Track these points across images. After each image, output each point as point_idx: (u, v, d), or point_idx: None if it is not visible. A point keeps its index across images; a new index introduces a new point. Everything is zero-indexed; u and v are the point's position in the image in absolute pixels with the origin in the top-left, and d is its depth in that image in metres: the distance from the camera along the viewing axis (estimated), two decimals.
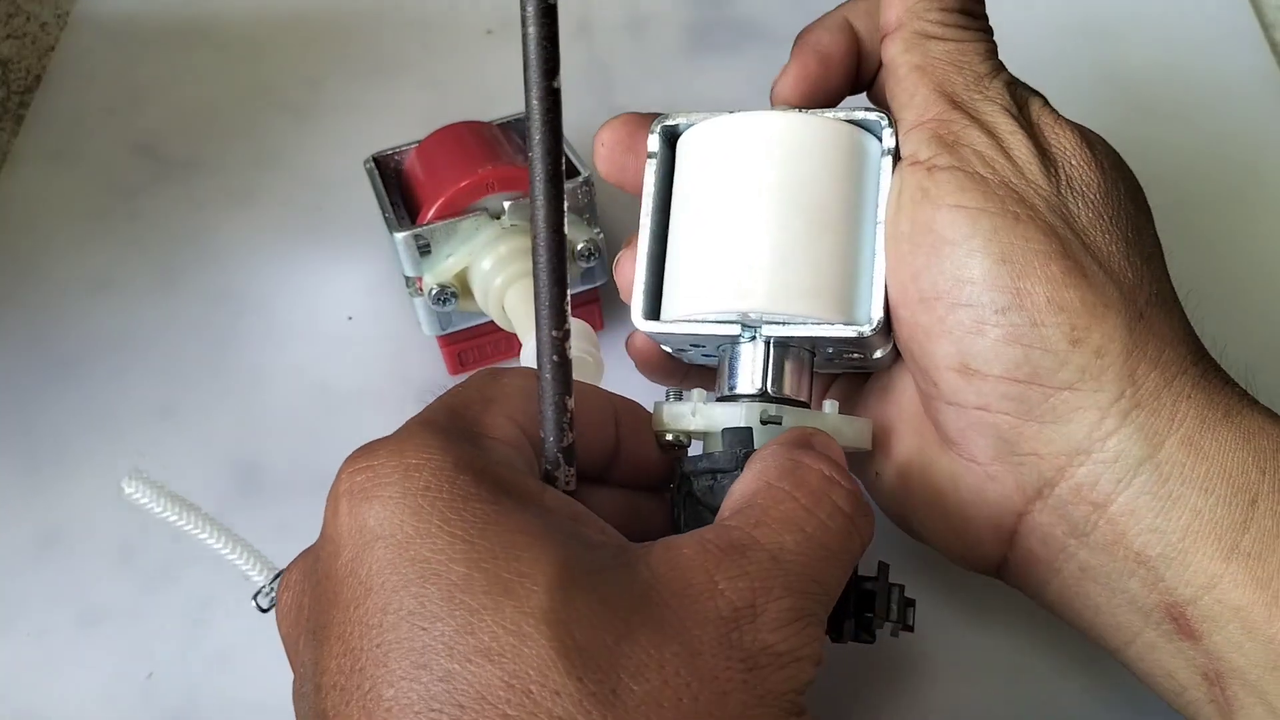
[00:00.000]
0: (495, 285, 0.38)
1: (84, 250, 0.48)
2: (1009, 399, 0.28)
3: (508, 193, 0.39)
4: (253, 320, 0.46)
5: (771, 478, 0.26)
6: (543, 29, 0.21)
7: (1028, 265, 0.27)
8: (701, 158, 0.31)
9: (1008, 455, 0.28)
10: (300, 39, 0.56)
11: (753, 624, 0.22)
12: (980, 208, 0.27)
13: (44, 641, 0.38)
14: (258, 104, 0.54)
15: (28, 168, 0.52)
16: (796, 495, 0.25)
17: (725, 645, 0.22)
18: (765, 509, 0.25)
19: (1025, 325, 0.27)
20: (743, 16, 0.56)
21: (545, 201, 0.22)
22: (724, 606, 0.22)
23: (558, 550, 0.22)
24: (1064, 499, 0.28)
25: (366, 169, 0.42)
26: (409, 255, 0.38)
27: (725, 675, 0.21)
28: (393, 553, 0.22)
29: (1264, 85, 0.51)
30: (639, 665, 0.21)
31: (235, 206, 0.50)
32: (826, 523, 0.25)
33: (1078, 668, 0.36)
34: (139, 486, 0.32)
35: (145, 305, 0.47)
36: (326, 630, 0.22)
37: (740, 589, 0.22)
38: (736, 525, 0.24)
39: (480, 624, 0.21)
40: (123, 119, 0.53)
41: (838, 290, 0.30)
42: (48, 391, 0.44)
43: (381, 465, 0.23)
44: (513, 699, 0.20)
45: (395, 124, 0.47)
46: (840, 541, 0.25)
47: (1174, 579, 0.27)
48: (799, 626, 0.23)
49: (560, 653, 0.20)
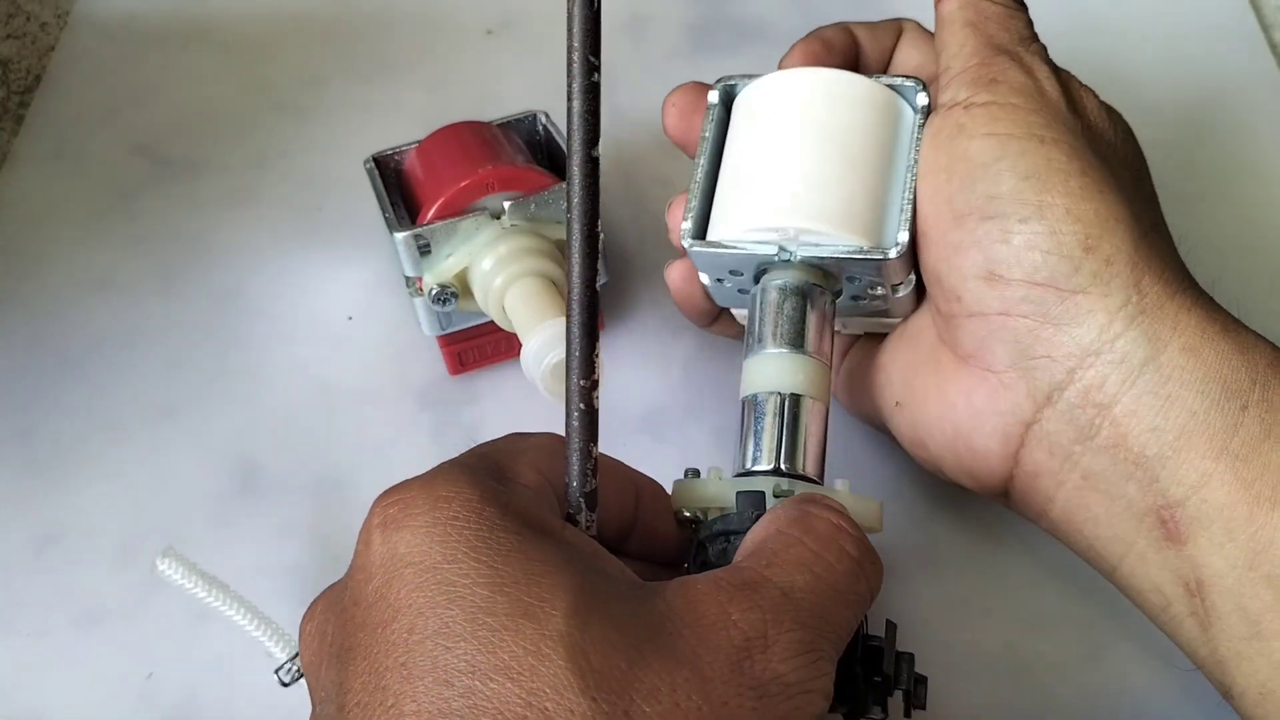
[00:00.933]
0: (495, 285, 0.38)
1: (84, 250, 0.48)
2: (1028, 302, 0.31)
3: (508, 193, 0.39)
4: (253, 320, 0.46)
5: (782, 525, 0.27)
6: (586, 104, 0.25)
7: (1050, 180, 0.30)
8: (753, 107, 0.35)
9: (1023, 360, 0.31)
10: (301, 39, 0.56)
11: (764, 654, 0.23)
12: (1009, 133, 0.31)
13: (44, 642, 0.38)
14: (258, 104, 0.54)
15: (28, 168, 0.52)
16: (805, 540, 0.26)
17: (736, 673, 0.22)
18: (776, 552, 0.26)
19: (1045, 233, 0.30)
20: (743, 16, 0.56)
21: (581, 259, 0.25)
22: (736, 636, 0.23)
23: (576, 578, 0.23)
24: (1072, 403, 0.30)
25: (366, 169, 0.42)
26: (409, 255, 0.38)
27: (736, 702, 0.22)
28: (421, 577, 0.23)
29: (1263, 85, 0.51)
30: (651, 689, 0.22)
31: (236, 206, 0.50)
32: (835, 565, 0.26)
33: (1078, 668, 0.36)
34: (172, 564, 0.34)
35: (145, 305, 0.47)
36: (353, 652, 0.23)
37: (752, 620, 0.23)
38: (749, 565, 0.25)
39: (501, 644, 0.22)
40: (123, 119, 0.53)
41: (867, 218, 0.33)
42: (48, 391, 0.44)
43: (413, 498, 0.24)
44: (530, 715, 0.21)
45: (395, 124, 0.47)
46: (848, 583, 0.26)
47: (1167, 479, 0.29)
48: (809, 659, 0.24)
49: (576, 673, 0.21)
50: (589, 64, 0.24)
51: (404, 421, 0.42)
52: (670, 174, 0.50)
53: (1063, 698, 0.35)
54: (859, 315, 0.37)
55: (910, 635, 0.36)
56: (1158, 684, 0.35)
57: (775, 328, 0.33)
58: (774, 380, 0.32)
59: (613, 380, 0.37)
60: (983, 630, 0.37)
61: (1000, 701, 0.35)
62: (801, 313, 0.33)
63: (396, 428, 0.42)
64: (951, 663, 0.36)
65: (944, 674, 0.36)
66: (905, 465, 0.40)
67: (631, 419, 0.42)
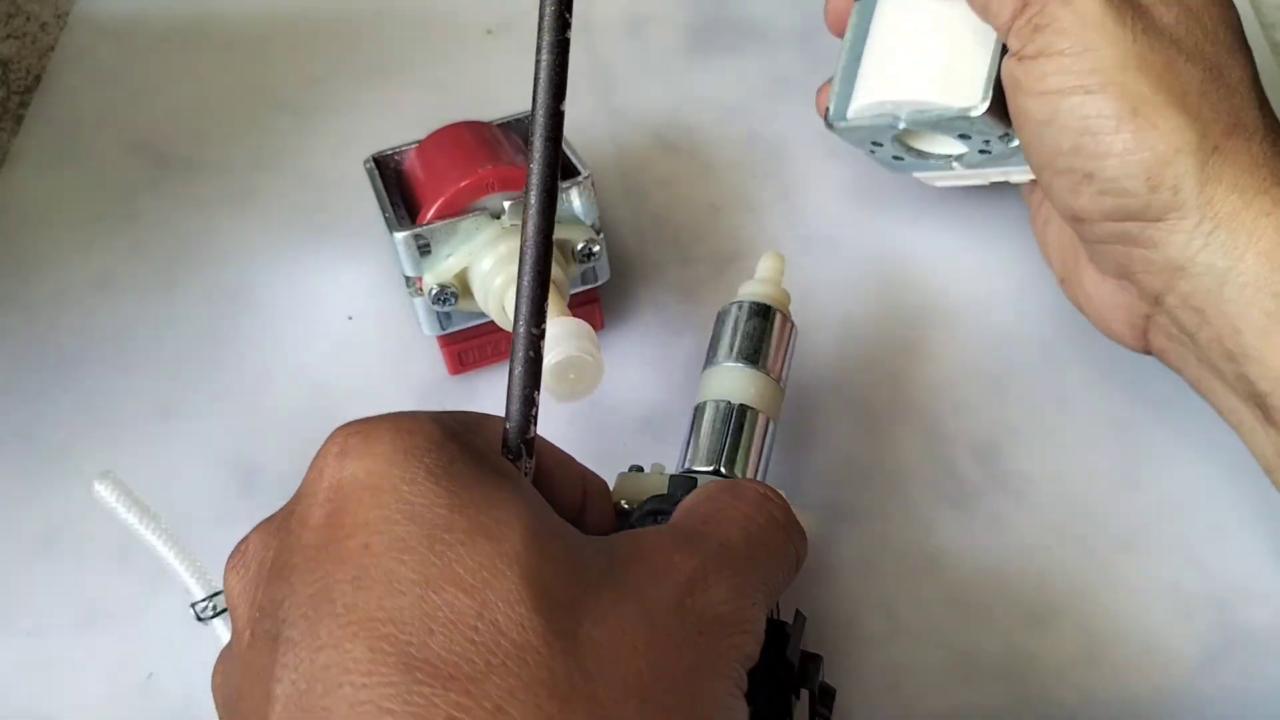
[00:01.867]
0: (495, 285, 0.38)
1: (84, 250, 0.48)
2: (1114, 234, 0.34)
3: (508, 192, 0.39)
4: (253, 320, 0.46)
5: (712, 492, 0.29)
6: (555, 58, 0.25)
7: (1102, 137, 0.33)
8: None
9: (1126, 276, 0.35)
10: (300, 39, 0.56)
11: (704, 594, 0.24)
12: (1058, 89, 0.34)
13: (44, 641, 0.38)
14: (258, 104, 0.54)
15: (27, 168, 0.52)
16: (736, 504, 0.28)
17: (679, 608, 0.24)
18: (709, 513, 0.27)
19: (1108, 184, 0.33)
20: (743, 16, 0.56)
21: (538, 211, 0.25)
22: (679, 577, 0.24)
23: (533, 510, 0.24)
24: (1174, 306, 0.34)
25: (366, 169, 0.42)
26: (409, 255, 0.38)
27: (679, 634, 0.23)
28: (379, 498, 0.23)
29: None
30: (600, 614, 0.22)
31: (235, 206, 0.50)
32: (765, 526, 0.28)
33: (1078, 668, 0.36)
34: (109, 488, 0.33)
35: (145, 305, 0.47)
36: (297, 569, 0.23)
37: (693, 564, 0.25)
38: (686, 522, 0.27)
39: (457, 559, 0.22)
40: (123, 119, 0.53)
41: (963, 84, 0.38)
42: (48, 391, 0.44)
43: (375, 428, 0.24)
44: (480, 626, 0.21)
45: (395, 124, 0.47)
46: (778, 543, 0.28)
47: (1255, 374, 0.33)
48: (745, 602, 0.25)
49: (529, 590, 0.22)
50: (562, 20, 0.25)
51: None
52: (670, 174, 0.50)
53: (1063, 698, 0.35)
54: (999, 165, 0.41)
55: (910, 635, 0.37)
56: (1158, 684, 0.35)
57: (733, 343, 0.36)
58: (726, 391, 0.35)
59: (613, 380, 0.37)
60: (983, 630, 0.37)
61: (1000, 701, 0.35)
62: (761, 332, 0.36)
63: None
64: (951, 663, 0.36)
65: (944, 674, 0.36)
66: (906, 465, 0.40)
67: (632, 419, 0.42)
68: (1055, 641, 0.36)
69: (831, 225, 0.47)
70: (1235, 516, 0.39)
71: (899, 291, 0.45)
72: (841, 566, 0.38)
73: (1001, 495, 0.39)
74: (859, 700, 0.35)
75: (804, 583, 0.38)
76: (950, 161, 0.42)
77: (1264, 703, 0.35)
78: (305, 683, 0.21)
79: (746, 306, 0.37)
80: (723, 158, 0.50)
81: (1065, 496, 0.39)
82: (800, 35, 0.55)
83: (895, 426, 0.41)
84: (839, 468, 0.40)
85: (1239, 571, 0.38)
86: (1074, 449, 0.40)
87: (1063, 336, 0.43)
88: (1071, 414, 0.41)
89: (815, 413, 0.42)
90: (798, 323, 0.38)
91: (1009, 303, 0.44)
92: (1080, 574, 0.38)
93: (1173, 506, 0.39)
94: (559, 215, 0.39)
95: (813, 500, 0.40)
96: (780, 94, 0.52)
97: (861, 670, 0.36)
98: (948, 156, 0.42)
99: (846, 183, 0.49)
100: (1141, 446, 0.40)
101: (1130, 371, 0.42)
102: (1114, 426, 0.41)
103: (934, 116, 0.39)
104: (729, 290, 0.37)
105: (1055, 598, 0.37)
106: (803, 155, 0.50)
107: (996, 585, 0.38)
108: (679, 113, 0.52)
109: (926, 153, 0.42)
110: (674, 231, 0.48)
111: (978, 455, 0.40)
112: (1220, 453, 0.40)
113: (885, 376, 0.43)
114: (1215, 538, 0.38)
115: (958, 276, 0.45)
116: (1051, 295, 0.45)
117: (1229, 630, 0.36)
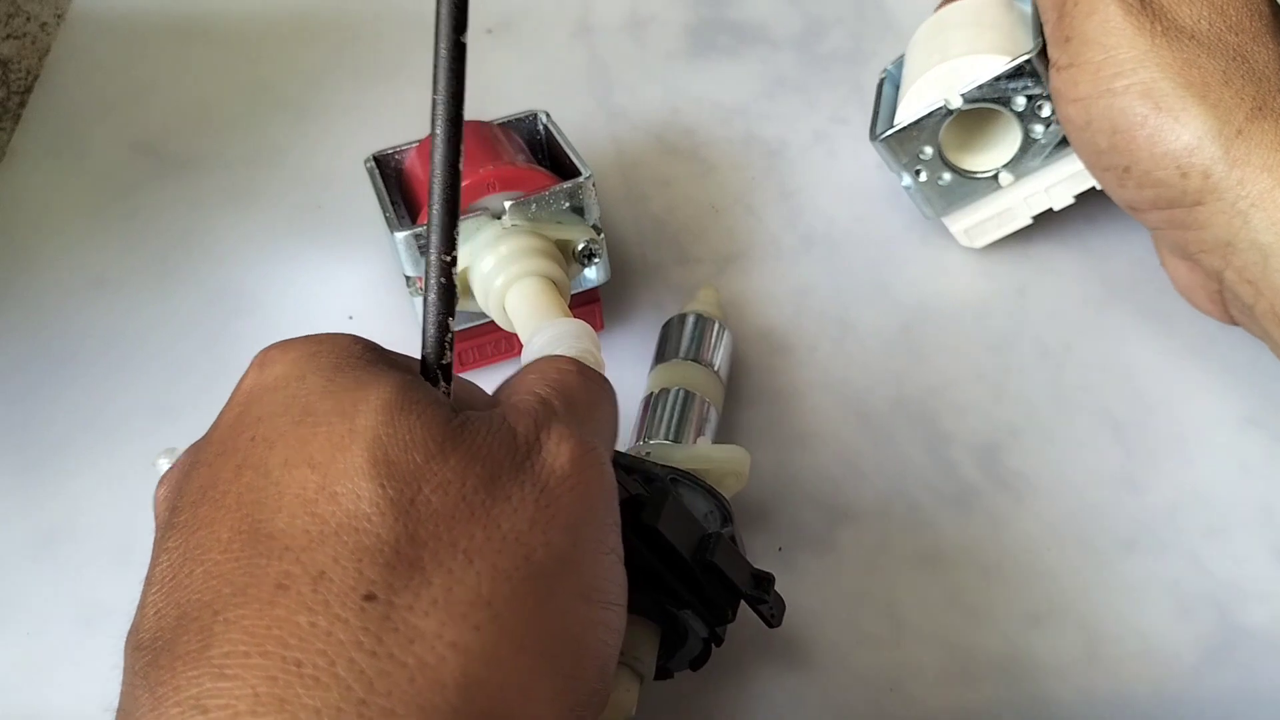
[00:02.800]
0: (496, 285, 0.38)
1: (82, 248, 0.48)
2: (1165, 221, 0.37)
3: (509, 193, 0.39)
4: (252, 319, 0.46)
5: (511, 379, 0.29)
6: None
7: (1131, 134, 0.35)
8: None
9: (1187, 257, 0.38)
10: (300, 37, 0.56)
11: (539, 453, 0.25)
12: (1089, 95, 0.36)
13: (44, 641, 0.38)
14: (257, 102, 0.53)
15: (26, 165, 0.52)
16: (529, 373, 0.28)
17: (519, 470, 0.24)
18: (513, 385, 0.28)
19: (1144, 176, 0.36)
20: (743, 18, 0.56)
21: (444, 141, 0.25)
22: (520, 442, 0.25)
23: (398, 381, 0.24)
24: (1233, 280, 0.36)
25: (367, 168, 0.42)
26: (409, 255, 0.38)
27: (518, 496, 0.24)
28: (273, 395, 0.25)
29: None
30: (443, 481, 0.23)
31: (234, 205, 0.50)
32: (563, 378, 0.28)
33: (1078, 668, 0.36)
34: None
35: (143, 304, 0.46)
36: (198, 466, 0.25)
37: (527, 426, 0.25)
38: (501, 398, 0.28)
39: (314, 438, 0.23)
40: (121, 117, 0.53)
41: (1015, 43, 0.41)
42: (45, 389, 0.44)
43: (292, 342, 0.26)
44: (320, 499, 0.22)
45: (395, 123, 0.47)
46: (587, 389, 0.28)
47: None
48: (581, 450, 0.25)
49: (370, 463, 0.23)
50: None
51: None
52: (670, 174, 0.50)
53: (1063, 698, 0.35)
54: (1046, 167, 0.42)
55: (910, 635, 0.37)
56: (1157, 684, 0.35)
57: (679, 344, 0.40)
58: (675, 379, 0.39)
59: (613, 380, 0.37)
60: (983, 630, 0.37)
61: (1000, 701, 0.35)
62: (706, 333, 0.41)
63: None
64: (951, 663, 0.36)
65: (944, 674, 0.36)
66: (906, 465, 0.40)
67: (632, 419, 0.42)
68: (1055, 641, 0.36)
69: (831, 225, 0.48)
70: (1235, 516, 0.39)
71: (898, 291, 0.45)
72: (841, 566, 0.38)
73: (1001, 495, 0.39)
74: (859, 700, 0.35)
75: (804, 582, 0.38)
76: (996, 178, 0.42)
77: (1264, 703, 0.35)
78: (179, 561, 0.23)
79: (686, 316, 0.42)
80: (723, 158, 0.50)
81: (1065, 496, 0.39)
82: (800, 36, 0.55)
83: (895, 426, 0.41)
84: (839, 468, 0.40)
85: (1239, 571, 0.38)
86: (1074, 449, 0.41)
87: (1063, 336, 0.43)
88: (1071, 414, 0.41)
89: (815, 413, 0.42)
90: (799, 322, 0.38)
91: (1009, 303, 0.45)
92: (1080, 574, 0.38)
93: (1173, 506, 0.39)
94: (560, 216, 0.39)
95: (813, 500, 0.40)
96: (780, 95, 0.52)
97: (861, 670, 0.36)
98: (993, 171, 0.42)
99: (846, 183, 0.49)
100: (1141, 446, 0.40)
101: (1130, 371, 0.42)
102: (1114, 426, 0.41)
103: (987, 84, 0.40)
104: (729, 290, 0.38)
105: (1055, 598, 0.37)
106: (803, 156, 0.50)
107: (996, 585, 0.38)
108: (679, 113, 0.52)
109: (971, 172, 0.43)
110: (674, 232, 0.48)
111: (978, 455, 0.40)
112: (1220, 453, 0.40)
113: (885, 376, 0.43)
114: (1215, 538, 0.38)
115: (957, 276, 0.45)
116: (1051, 295, 0.45)
117: (1229, 630, 0.36)
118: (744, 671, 0.36)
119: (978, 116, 0.43)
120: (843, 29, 0.55)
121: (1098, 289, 0.45)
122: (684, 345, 0.41)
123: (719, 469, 0.36)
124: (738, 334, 0.44)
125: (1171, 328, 0.43)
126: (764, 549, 0.38)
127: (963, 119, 0.42)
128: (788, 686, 0.36)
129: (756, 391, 0.43)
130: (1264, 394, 0.41)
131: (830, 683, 0.36)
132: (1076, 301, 0.44)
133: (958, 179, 0.43)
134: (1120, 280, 0.45)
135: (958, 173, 0.43)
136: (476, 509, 0.23)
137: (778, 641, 0.36)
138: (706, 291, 0.43)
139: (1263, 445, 0.40)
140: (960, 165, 0.43)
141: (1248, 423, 0.41)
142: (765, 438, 0.41)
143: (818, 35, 0.55)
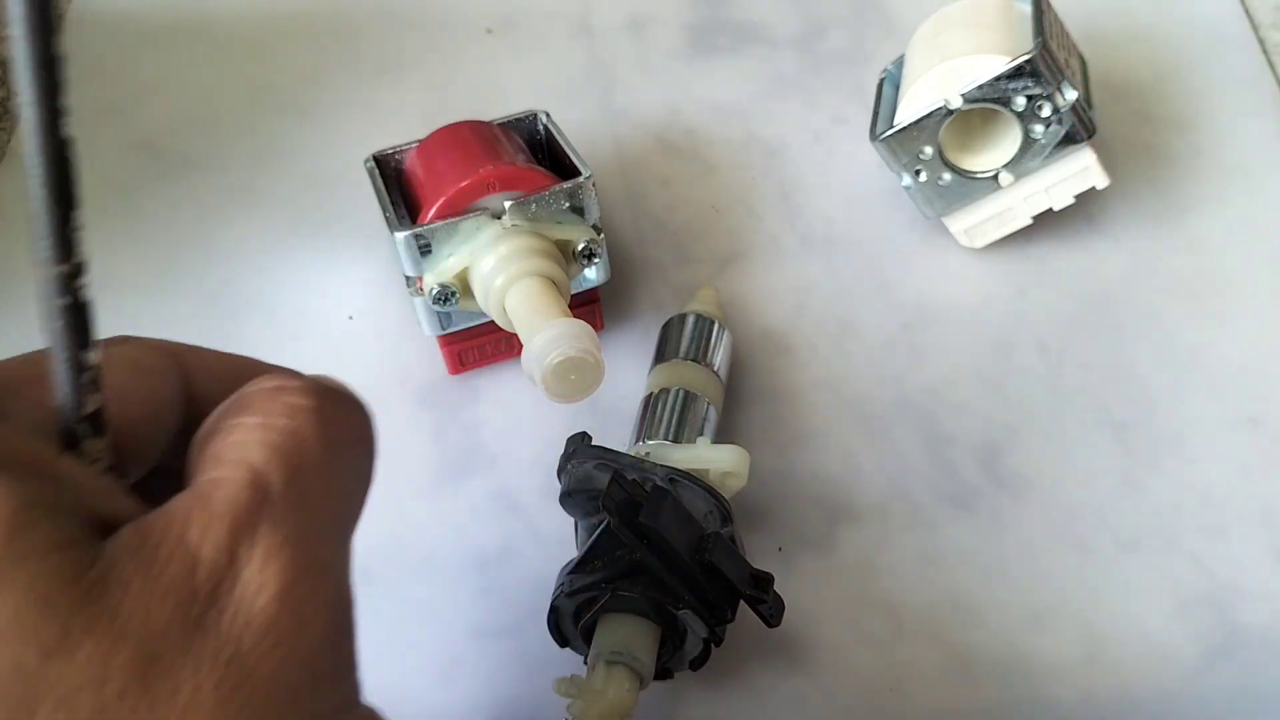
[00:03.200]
0: (496, 285, 0.38)
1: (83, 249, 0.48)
2: None
3: (509, 192, 0.39)
4: (253, 319, 0.46)
5: (214, 421, 0.21)
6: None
7: None
8: None
9: None
10: (301, 37, 0.56)
11: (233, 590, 0.17)
12: None
13: None
14: (258, 102, 0.53)
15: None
16: (242, 418, 0.20)
17: (194, 632, 0.17)
18: (219, 448, 0.20)
19: None
20: (743, 18, 0.56)
21: (39, 102, 0.18)
22: (199, 573, 0.17)
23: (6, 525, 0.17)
24: None
25: (367, 168, 0.42)
26: (410, 255, 0.38)
27: (191, 684, 0.17)
28: None
29: (1255, 86, 0.51)
30: (71, 689, 0.16)
31: (235, 205, 0.50)
32: (288, 422, 0.20)
33: (1078, 668, 0.36)
34: None
35: (144, 304, 0.46)
36: None
37: (215, 539, 0.18)
38: (202, 476, 0.20)
39: None
40: (123, 117, 0.53)
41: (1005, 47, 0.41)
42: None
43: None
44: None
45: (395, 124, 0.47)
46: (319, 437, 0.20)
47: None
48: (296, 574, 0.18)
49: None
50: None
51: (404, 421, 0.42)
52: (670, 174, 0.50)
53: (1062, 697, 0.35)
54: (1046, 167, 0.42)
55: (910, 635, 0.37)
56: (1158, 684, 0.35)
57: (679, 344, 0.41)
58: (674, 379, 0.39)
59: (613, 380, 0.37)
60: (983, 630, 0.37)
61: (1000, 701, 0.35)
62: (706, 333, 0.41)
63: (396, 427, 0.42)
64: (951, 663, 0.36)
65: (944, 674, 0.36)
66: (906, 465, 0.40)
67: (632, 419, 0.42)
68: (1055, 641, 0.36)
69: (831, 226, 0.48)
70: (1235, 516, 0.39)
71: (899, 291, 0.45)
72: (841, 566, 0.38)
73: (1001, 495, 0.39)
74: (859, 700, 0.35)
75: (804, 582, 0.38)
76: (996, 178, 0.42)
77: (1264, 703, 0.35)
78: None
79: (685, 316, 0.42)
80: (723, 158, 0.50)
81: (1065, 496, 0.39)
82: (800, 36, 0.55)
83: (895, 426, 0.41)
84: (839, 468, 0.40)
85: (1239, 571, 0.38)
86: (1074, 449, 0.41)
87: (1063, 336, 0.43)
88: (1071, 414, 0.41)
89: (815, 413, 0.42)
90: (799, 322, 0.38)
91: (1009, 303, 0.45)
92: (1080, 574, 0.38)
93: (1173, 506, 0.39)
94: (560, 217, 0.39)
95: (813, 500, 0.40)
96: (780, 95, 0.52)
97: (861, 670, 0.36)
98: (993, 171, 0.42)
99: (846, 183, 0.49)
100: (1141, 446, 0.40)
101: (1130, 371, 0.42)
102: (1114, 426, 0.41)
103: (987, 84, 0.40)
104: (729, 290, 0.37)
105: (1055, 598, 0.37)
106: (803, 156, 0.50)
107: (996, 585, 0.38)
108: (679, 113, 0.52)
109: (971, 172, 0.43)
110: (674, 231, 0.48)
111: (978, 455, 0.41)
112: (1220, 453, 0.40)
113: (885, 376, 0.43)
114: (1215, 538, 0.38)
115: (958, 276, 0.45)
116: (1051, 295, 0.45)
117: (1229, 630, 0.36)
118: (744, 671, 0.36)
119: (978, 116, 0.43)
120: (843, 29, 0.55)
121: (1098, 289, 0.45)
122: (684, 345, 0.41)
123: (719, 469, 0.36)
124: (738, 334, 0.44)
125: (1171, 328, 0.43)
126: (764, 549, 0.38)
127: (963, 119, 0.42)
128: (788, 686, 0.36)
129: (756, 391, 0.43)
130: (1264, 394, 0.41)
131: (830, 683, 0.36)
132: (1076, 301, 0.44)
133: (958, 179, 0.43)
134: (1120, 280, 0.45)
135: (958, 173, 0.43)
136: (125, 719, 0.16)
137: (778, 641, 0.36)
138: (706, 291, 0.43)
139: (1263, 445, 0.40)
140: (960, 165, 0.43)
141: (1248, 423, 0.41)
142: (765, 438, 0.41)
143: (818, 35, 0.55)
